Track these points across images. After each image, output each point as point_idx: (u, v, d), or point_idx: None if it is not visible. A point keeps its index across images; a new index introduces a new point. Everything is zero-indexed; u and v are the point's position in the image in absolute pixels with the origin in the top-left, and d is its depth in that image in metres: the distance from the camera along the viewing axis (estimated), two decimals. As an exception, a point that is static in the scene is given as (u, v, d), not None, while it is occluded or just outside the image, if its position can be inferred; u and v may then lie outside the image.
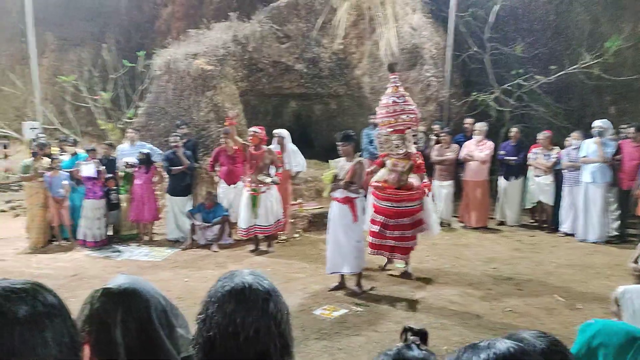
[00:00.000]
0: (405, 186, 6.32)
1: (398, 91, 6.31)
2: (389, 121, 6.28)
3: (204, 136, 9.50)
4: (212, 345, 1.34)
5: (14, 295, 0.99)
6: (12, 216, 10.27)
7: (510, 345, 1.20)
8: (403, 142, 6.28)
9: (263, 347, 1.34)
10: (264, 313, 1.36)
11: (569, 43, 10.58)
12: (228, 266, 7.25)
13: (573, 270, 6.98)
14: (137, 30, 13.50)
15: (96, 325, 1.42)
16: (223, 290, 1.39)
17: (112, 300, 1.44)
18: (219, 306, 1.36)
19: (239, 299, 1.36)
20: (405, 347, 1.35)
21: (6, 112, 13.36)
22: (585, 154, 8.30)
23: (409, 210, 6.31)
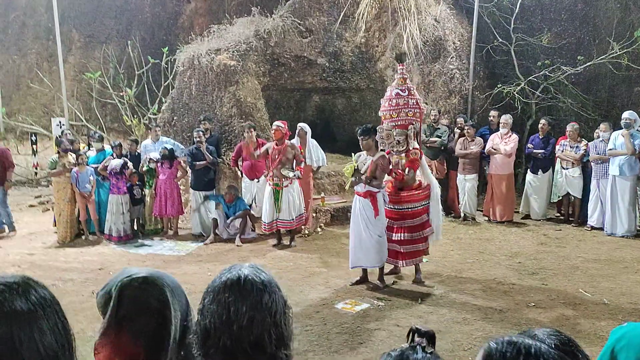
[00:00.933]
0: (409, 187, 6.15)
1: (405, 83, 6.18)
2: (390, 115, 6.18)
3: (227, 131, 9.56)
4: (208, 333, 1.37)
5: (8, 289, 1.04)
6: (42, 211, 10.50)
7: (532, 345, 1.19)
8: (405, 138, 6.13)
9: (257, 337, 1.36)
10: (258, 303, 1.38)
11: (597, 32, 10.33)
12: (251, 260, 7.30)
13: (600, 264, 6.84)
14: (160, 27, 13.64)
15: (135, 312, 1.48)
16: (220, 281, 1.43)
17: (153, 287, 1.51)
18: (214, 296, 1.40)
19: (234, 289, 1.39)
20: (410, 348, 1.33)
21: (34, 109, 13.65)
22: (613, 146, 8.11)
23: (412, 212, 6.11)
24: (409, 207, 6.12)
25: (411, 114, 6.13)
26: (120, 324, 1.47)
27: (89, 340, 4.89)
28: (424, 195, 6.19)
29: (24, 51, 13.98)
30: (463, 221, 9.15)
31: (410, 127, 6.17)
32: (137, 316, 1.47)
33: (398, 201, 6.11)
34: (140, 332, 1.47)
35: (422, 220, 6.16)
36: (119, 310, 1.48)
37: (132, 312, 1.47)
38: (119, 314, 1.48)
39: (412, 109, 6.13)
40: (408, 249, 6.15)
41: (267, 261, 7.26)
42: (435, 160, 9.32)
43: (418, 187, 6.20)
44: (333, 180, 9.85)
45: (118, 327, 1.47)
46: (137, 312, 1.48)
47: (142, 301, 1.49)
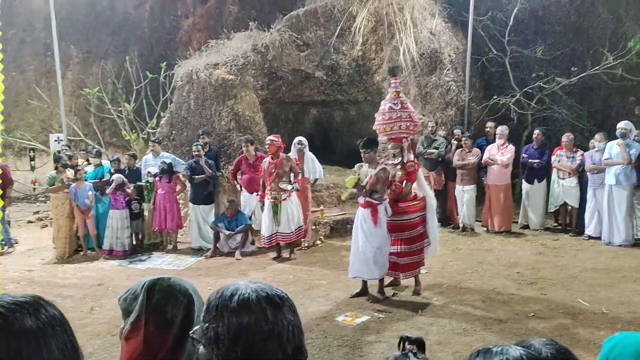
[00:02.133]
0: (405, 198, 6.18)
1: (398, 97, 6.22)
2: (384, 129, 6.22)
3: (226, 145, 9.61)
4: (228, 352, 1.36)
5: (19, 309, 1.06)
6: (40, 227, 10.50)
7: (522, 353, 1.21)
8: (400, 151, 6.18)
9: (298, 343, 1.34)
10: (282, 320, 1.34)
11: (591, 43, 10.46)
12: (251, 274, 7.32)
13: (598, 274, 6.86)
14: (159, 42, 13.73)
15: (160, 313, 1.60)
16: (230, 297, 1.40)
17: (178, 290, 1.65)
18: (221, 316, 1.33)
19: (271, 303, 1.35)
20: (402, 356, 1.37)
21: (33, 124, 13.69)
22: (608, 156, 8.18)
23: (407, 223, 6.13)
24: (406, 218, 6.15)
25: (404, 127, 6.17)
26: (149, 316, 1.59)
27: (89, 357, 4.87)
28: (420, 206, 6.23)
29: (22, 67, 14.04)
30: (462, 232, 9.18)
31: (404, 141, 6.23)
32: (166, 308, 1.60)
33: (395, 212, 6.13)
34: (169, 323, 1.59)
35: (419, 232, 6.19)
36: (148, 304, 1.60)
37: (161, 304, 1.60)
38: (149, 307, 1.60)
39: (405, 122, 6.16)
40: (405, 261, 6.17)
41: (267, 274, 7.27)
42: (433, 171, 9.38)
43: (414, 198, 6.24)
44: (332, 192, 9.89)
45: (147, 318, 1.59)
46: (166, 305, 1.60)
47: (171, 295, 1.62)
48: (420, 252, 6.26)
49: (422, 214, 6.23)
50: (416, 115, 6.42)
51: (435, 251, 6.52)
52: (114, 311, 1.98)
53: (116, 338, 4.88)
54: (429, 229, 6.29)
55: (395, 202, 6.16)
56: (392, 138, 6.23)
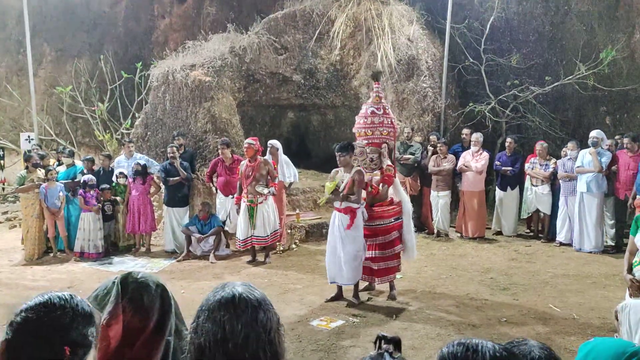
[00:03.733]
0: (381, 203, 6.19)
1: (380, 102, 6.25)
2: (365, 132, 6.25)
3: (201, 147, 9.51)
4: (202, 352, 1.36)
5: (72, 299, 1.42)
6: (8, 227, 10.24)
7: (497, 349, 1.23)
8: (379, 156, 6.21)
9: (252, 355, 1.36)
10: (253, 321, 1.38)
11: (564, 54, 10.65)
12: (225, 277, 7.24)
13: (569, 280, 6.98)
14: (134, 41, 13.54)
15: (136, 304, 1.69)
16: (214, 299, 1.42)
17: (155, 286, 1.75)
18: (209, 314, 1.39)
19: (229, 307, 1.39)
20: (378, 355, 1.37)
21: (3, 123, 13.37)
22: (580, 164, 8.33)
23: (382, 228, 6.14)
24: (381, 223, 6.16)
25: (385, 133, 6.22)
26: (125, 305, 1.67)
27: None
28: (396, 211, 6.25)
29: (-7, 64, 13.72)
30: (436, 237, 9.25)
31: (384, 146, 6.26)
32: (142, 296, 1.69)
33: (370, 217, 6.13)
34: (147, 309, 1.67)
35: (392, 237, 6.20)
36: (123, 295, 1.68)
37: (137, 294, 1.69)
38: (124, 298, 1.68)
39: (386, 127, 6.21)
40: (380, 266, 6.18)
41: (241, 278, 7.20)
42: (409, 177, 9.43)
43: (389, 203, 6.26)
44: (308, 196, 9.87)
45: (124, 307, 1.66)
46: (141, 294, 1.69)
47: (145, 285, 1.71)
48: (395, 258, 6.28)
49: (397, 219, 6.25)
50: (395, 121, 6.45)
51: (414, 256, 6.55)
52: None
53: None
54: (405, 234, 6.31)
55: (371, 207, 6.17)
56: (372, 142, 6.25)
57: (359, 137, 6.37)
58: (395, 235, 6.21)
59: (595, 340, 2.11)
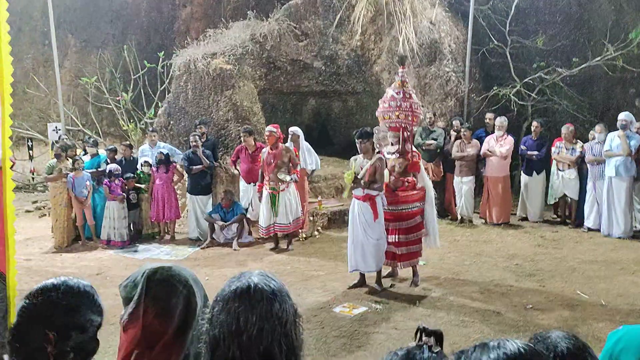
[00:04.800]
0: (403, 188, 6.16)
1: (403, 86, 6.15)
2: (383, 116, 6.21)
3: (223, 135, 9.56)
4: (217, 343, 1.35)
5: None
6: (38, 216, 10.47)
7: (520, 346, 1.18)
8: (398, 140, 6.15)
9: (266, 347, 1.33)
10: (268, 313, 1.35)
11: (592, 34, 10.38)
12: (248, 264, 7.30)
13: (597, 266, 6.85)
14: (157, 31, 13.61)
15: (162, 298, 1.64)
16: (229, 289, 1.40)
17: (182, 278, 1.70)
18: (224, 305, 1.37)
19: (244, 298, 1.36)
20: (417, 347, 1.33)
21: (30, 114, 13.60)
22: (609, 148, 8.14)
23: (406, 213, 6.13)
24: (405, 207, 6.14)
25: (402, 117, 6.10)
26: (148, 305, 1.61)
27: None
28: (419, 196, 6.21)
29: (19, 56, 13.88)
30: (460, 224, 9.16)
31: (403, 131, 6.17)
32: (165, 298, 1.62)
33: (393, 202, 6.12)
34: (169, 312, 1.61)
35: (416, 222, 6.18)
36: (147, 294, 1.62)
37: (161, 294, 1.62)
38: (148, 297, 1.62)
39: (404, 112, 6.09)
40: (403, 251, 6.17)
41: (264, 265, 7.25)
42: (432, 162, 9.34)
43: (413, 187, 6.22)
44: (330, 183, 9.86)
45: (146, 308, 1.61)
46: (165, 295, 1.62)
47: (171, 285, 1.64)
48: (417, 242, 6.25)
49: (421, 205, 6.21)
50: (419, 107, 6.31)
51: (437, 243, 6.52)
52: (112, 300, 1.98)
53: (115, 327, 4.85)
54: (427, 221, 6.27)
55: (394, 192, 6.14)
56: (391, 127, 6.20)
57: (382, 121, 6.34)
58: (418, 220, 6.20)
59: (624, 328, 2.06)
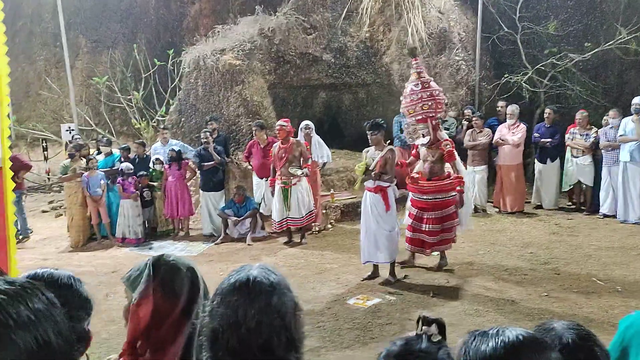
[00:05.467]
0: (438, 177, 6.18)
1: (420, 78, 6.13)
2: (408, 111, 6.22)
3: (235, 131, 9.59)
4: (216, 336, 1.36)
5: None
6: (55, 216, 10.60)
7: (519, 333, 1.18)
8: (428, 130, 6.16)
9: (265, 340, 1.34)
10: (267, 306, 1.35)
11: (604, 18, 10.22)
12: (262, 259, 7.33)
13: (613, 252, 6.78)
14: (166, 29, 13.67)
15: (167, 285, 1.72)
16: (229, 282, 1.41)
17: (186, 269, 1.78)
18: (223, 298, 1.38)
19: (243, 291, 1.37)
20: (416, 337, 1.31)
21: (44, 115, 13.76)
22: (623, 133, 8.03)
23: (441, 202, 6.15)
24: (440, 197, 6.14)
25: (426, 108, 6.07)
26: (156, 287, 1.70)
27: (104, 343, 4.92)
28: (454, 185, 6.17)
29: (32, 59, 14.08)
30: (474, 213, 9.07)
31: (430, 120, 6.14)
32: (172, 279, 1.72)
33: (429, 191, 6.15)
34: (176, 292, 1.70)
35: (450, 211, 6.19)
36: (155, 276, 1.71)
37: (167, 277, 1.72)
38: (155, 280, 1.71)
39: (426, 102, 6.06)
40: (436, 240, 6.20)
41: (278, 259, 7.29)
42: (444, 152, 9.27)
43: (447, 177, 6.21)
44: (342, 176, 9.85)
45: (154, 289, 1.69)
46: (172, 277, 1.72)
47: (176, 268, 1.74)
48: (451, 230, 6.27)
49: (455, 194, 6.18)
50: (440, 93, 6.25)
51: (470, 226, 6.60)
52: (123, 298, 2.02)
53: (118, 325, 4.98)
54: (464, 207, 6.29)
55: (429, 181, 6.17)
56: (418, 119, 6.20)
57: (408, 116, 6.39)
58: (452, 209, 6.20)
59: (636, 313, 2.05)
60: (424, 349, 1.25)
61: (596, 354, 1.47)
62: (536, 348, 1.18)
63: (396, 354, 1.27)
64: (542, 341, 1.22)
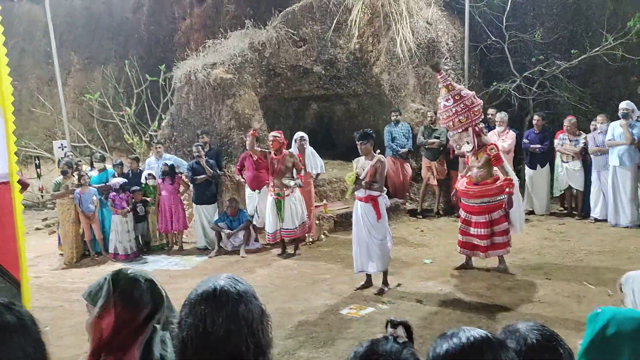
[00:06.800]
0: (485, 182, 6.24)
1: (450, 92, 6.16)
2: (447, 126, 6.37)
3: (227, 144, 9.63)
4: (186, 346, 1.38)
5: None
6: (48, 233, 10.58)
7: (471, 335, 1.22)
8: (472, 138, 6.21)
9: (234, 348, 1.37)
10: (234, 314, 1.39)
11: (590, 25, 10.35)
12: (256, 271, 7.35)
13: (604, 256, 6.84)
14: (157, 44, 13.75)
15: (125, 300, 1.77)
16: (196, 293, 1.44)
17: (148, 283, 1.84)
18: (191, 308, 1.41)
19: (210, 301, 1.40)
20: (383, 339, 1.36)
21: (37, 133, 13.78)
22: (611, 137, 8.12)
23: (488, 206, 6.20)
24: (488, 201, 6.19)
25: (463, 120, 6.13)
26: (117, 299, 1.75)
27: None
28: (502, 189, 6.17)
29: (24, 76, 14.12)
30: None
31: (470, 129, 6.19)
32: (132, 290, 1.77)
33: (476, 195, 6.22)
34: (137, 302, 1.75)
35: (500, 215, 6.22)
36: (115, 289, 1.76)
37: (127, 289, 1.77)
38: (115, 293, 1.76)
39: (462, 115, 6.11)
40: (488, 243, 6.24)
41: (272, 270, 7.30)
42: (435, 161, 9.36)
43: (494, 180, 6.25)
44: (335, 186, 9.89)
45: (115, 301, 1.75)
46: (131, 288, 1.77)
47: (134, 280, 1.80)
48: (502, 234, 6.28)
49: (503, 197, 6.17)
50: (473, 99, 6.20)
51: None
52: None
53: None
54: (513, 211, 6.30)
55: (476, 185, 6.24)
56: (460, 131, 6.24)
57: (450, 131, 6.49)
58: (501, 213, 6.22)
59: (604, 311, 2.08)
60: (389, 350, 1.30)
61: (560, 354, 1.50)
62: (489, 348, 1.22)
63: (362, 354, 1.31)
64: (496, 341, 1.26)
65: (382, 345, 1.32)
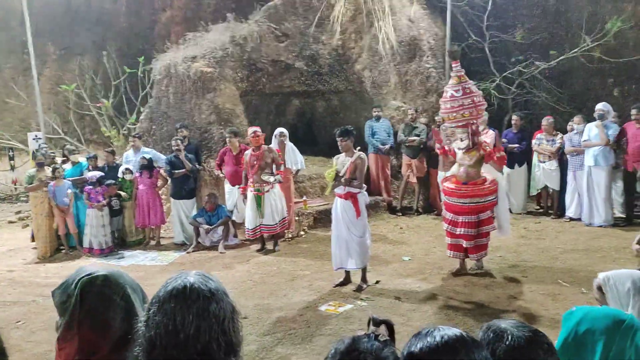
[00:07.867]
0: (474, 182, 6.13)
1: (460, 83, 5.98)
2: (448, 117, 6.13)
3: (206, 138, 9.54)
4: (154, 345, 1.34)
5: None
6: (21, 227, 10.38)
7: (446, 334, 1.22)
8: (467, 135, 6.09)
9: (204, 346, 1.33)
10: (204, 311, 1.35)
11: (569, 27, 10.49)
12: (235, 267, 7.30)
13: (578, 254, 6.94)
14: (137, 36, 13.56)
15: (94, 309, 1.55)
16: (165, 290, 1.39)
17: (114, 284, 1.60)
18: (160, 306, 1.36)
19: (179, 298, 1.36)
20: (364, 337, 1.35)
21: (11, 124, 13.50)
22: (587, 138, 8.24)
23: (477, 206, 6.07)
24: (477, 201, 6.07)
25: (467, 114, 5.98)
26: (83, 320, 1.53)
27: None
28: (490, 190, 6.12)
29: (-2, 66, 13.84)
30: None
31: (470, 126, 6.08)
32: (102, 312, 1.54)
33: (465, 195, 6.08)
34: (105, 327, 1.53)
35: (487, 216, 6.15)
36: (82, 307, 1.53)
37: (96, 308, 1.53)
38: (82, 310, 1.53)
39: (468, 109, 5.95)
40: (471, 244, 6.14)
41: (251, 266, 7.26)
42: (415, 159, 9.41)
43: (484, 181, 6.16)
44: (315, 183, 9.87)
45: (81, 323, 1.53)
46: (101, 308, 1.54)
47: (107, 297, 1.55)
48: (486, 236, 6.22)
49: (492, 198, 6.14)
50: (480, 98, 6.11)
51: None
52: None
53: None
54: (499, 213, 6.25)
55: (465, 185, 6.11)
56: (459, 125, 6.12)
57: (447, 122, 6.30)
58: (489, 214, 6.16)
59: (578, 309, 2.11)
60: (370, 348, 1.29)
61: (546, 349, 1.51)
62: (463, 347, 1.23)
63: (343, 351, 1.30)
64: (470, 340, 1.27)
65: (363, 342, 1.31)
